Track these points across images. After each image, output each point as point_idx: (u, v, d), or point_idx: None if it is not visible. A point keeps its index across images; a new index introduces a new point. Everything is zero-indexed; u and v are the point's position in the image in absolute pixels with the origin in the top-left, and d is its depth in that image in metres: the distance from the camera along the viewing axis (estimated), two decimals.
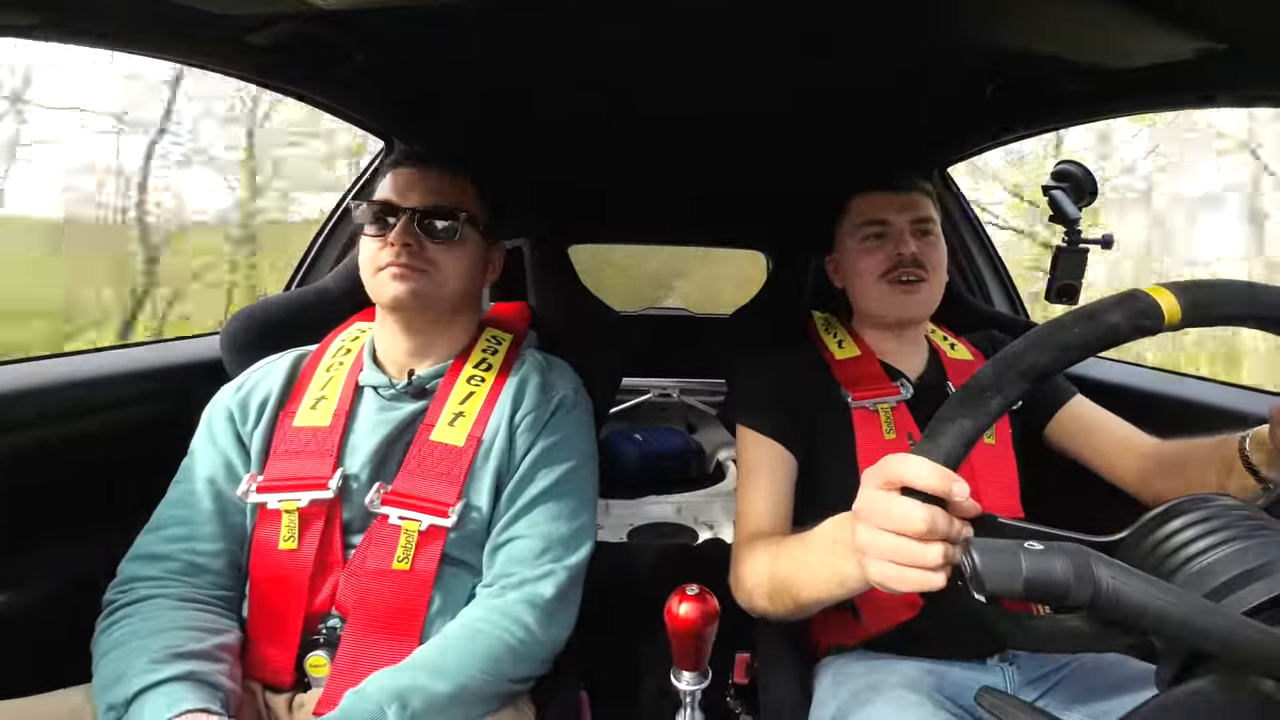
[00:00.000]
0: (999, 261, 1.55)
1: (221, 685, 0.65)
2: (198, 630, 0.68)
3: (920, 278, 0.89)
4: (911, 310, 0.91)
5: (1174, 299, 0.44)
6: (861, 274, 0.93)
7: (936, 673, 0.78)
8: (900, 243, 0.89)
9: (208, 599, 0.74)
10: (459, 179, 0.86)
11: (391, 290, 0.79)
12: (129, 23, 0.76)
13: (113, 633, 0.67)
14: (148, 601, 0.70)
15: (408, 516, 0.75)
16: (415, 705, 0.63)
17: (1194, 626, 0.35)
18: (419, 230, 0.81)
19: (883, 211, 0.92)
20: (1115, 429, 0.88)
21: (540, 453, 0.80)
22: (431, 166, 0.85)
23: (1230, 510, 0.43)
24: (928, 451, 0.45)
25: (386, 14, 0.78)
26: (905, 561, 0.45)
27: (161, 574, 0.72)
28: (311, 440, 0.79)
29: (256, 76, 0.96)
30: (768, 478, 0.86)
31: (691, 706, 0.75)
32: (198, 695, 0.61)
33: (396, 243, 0.79)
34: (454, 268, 0.83)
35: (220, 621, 0.72)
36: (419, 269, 0.80)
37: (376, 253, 0.81)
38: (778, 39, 0.85)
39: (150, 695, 0.60)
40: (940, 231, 0.94)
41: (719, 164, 1.51)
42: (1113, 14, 0.69)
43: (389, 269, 0.80)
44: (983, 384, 0.44)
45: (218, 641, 0.69)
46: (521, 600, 0.73)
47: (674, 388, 2.45)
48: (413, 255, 0.79)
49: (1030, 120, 1.11)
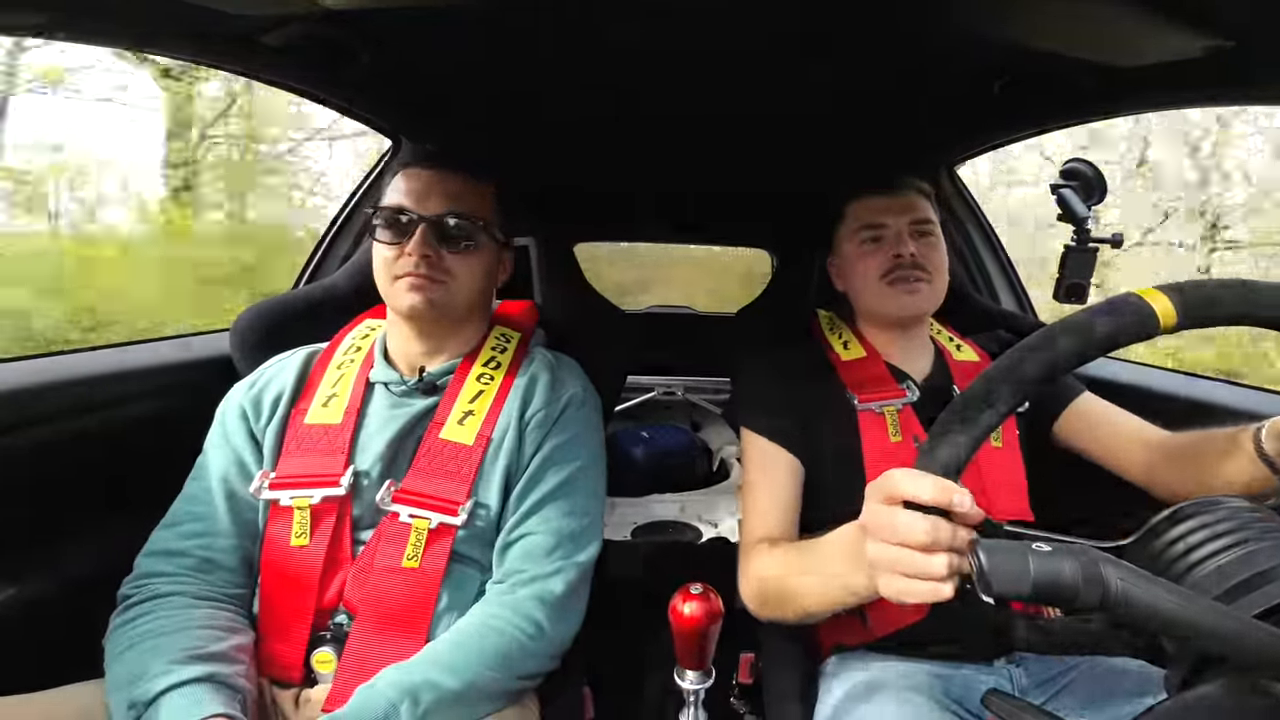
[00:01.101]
0: (1006, 260, 1.54)
1: (240, 687, 0.65)
2: (216, 629, 0.69)
3: (920, 278, 0.89)
4: (912, 308, 0.90)
5: (1168, 302, 0.43)
6: (861, 276, 0.93)
7: (942, 675, 0.78)
8: (898, 243, 0.89)
9: (222, 597, 0.74)
10: (478, 184, 0.84)
11: (409, 300, 0.79)
12: (140, 22, 0.76)
13: (129, 629, 0.67)
14: (165, 599, 0.70)
15: (418, 515, 0.75)
16: (426, 701, 0.63)
17: (1204, 629, 0.34)
18: (437, 240, 0.79)
19: (879, 215, 0.92)
20: (1123, 422, 0.87)
21: (550, 451, 0.80)
22: (450, 170, 0.83)
23: (1241, 512, 0.42)
24: (925, 466, 0.45)
25: (395, 14, 0.78)
26: (913, 573, 0.45)
27: (178, 570, 0.73)
28: (323, 437, 0.79)
29: (266, 75, 0.97)
30: (773, 482, 0.86)
31: (695, 705, 0.75)
32: (219, 698, 0.61)
33: (415, 253, 0.78)
34: (470, 277, 0.82)
35: (236, 621, 0.73)
36: (437, 280, 0.79)
37: (393, 261, 0.80)
38: (784, 38, 0.85)
39: (172, 696, 0.60)
40: (940, 232, 0.93)
41: (725, 163, 1.51)
42: (1122, 11, 0.69)
43: (406, 279, 0.78)
44: (976, 396, 0.45)
45: (235, 642, 0.69)
46: (532, 597, 0.73)
47: (679, 386, 2.45)
48: (431, 266, 0.78)
49: (1038, 118, 1.11)
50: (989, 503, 0.83)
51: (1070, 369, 0.45)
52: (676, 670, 0.75)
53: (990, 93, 0.97)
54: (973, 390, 0.45)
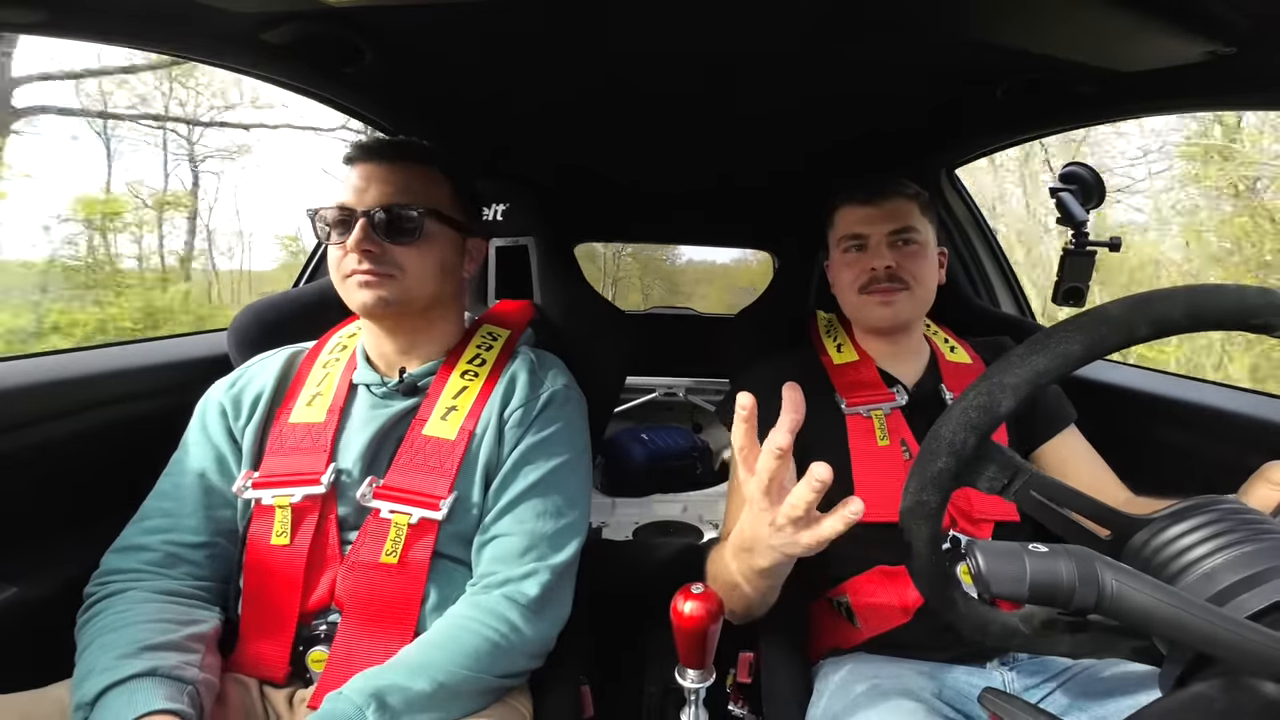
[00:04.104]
0: (1005, 263, 1.54)
1: (188, 677, 0.63)
2: (168, 622, 0.67)
3: (896, 289, 0.89)
4: (888, 319, 0.91)
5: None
6: (842, 286, 0.95)
7: (935, 676, 0.78)
8: (876, 255, 0.90)
9: (186, 590, 0.73)
10: (423, 170, 0.81)
11: (359, 298, 0.77)
12: (138, 19, 0.76)
13: (88, 627, 0.66)
14: (121, 595, 0.69)
15: (398, 510, 0.75)
16: (394, 704, 0.62)
17: (1198, 630, 0.35)
18: (379, 233, 0.76)
19: (860, 225, 0.92)
20: (1090, 472, 0.87)
21: (527, 448, 0.79)
22: (389, 160, 0.79)
23: (1236, 514, 0.43)
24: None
25: (396, 12, 0.78)
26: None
27: (138, 565, 0.72)
28: (306, 436, 0.79)
29: (268, 74, 0.97)
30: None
31: (696, 704, 0.75)
32: (160, 693, 0.60)
33: (355, 249, 0.75)
34: (422, 268, 0.79)
35: (194, 612, 0.71)
36: (384, 274, 0.76)
37: (341, 259, 0.77)
38: (786, 41, 0.85)
39: (110, 695, 0.59)
40: (925, 239, 0.93)
41: (725, 163, 1.51)
42: (1123, 17, 0.69)
43: (354, 277, 0.76)
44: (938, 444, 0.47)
45: (189, 632, 0.67)
46: (504, 598, 0.72)
47: (680, 387, 2.45)
48: (375, 260, 0.75)
49: (1039, 122, 1.11)
50: (975, 506, 0.84)
51: (1035, 393, 0.45)
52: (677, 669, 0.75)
53: (992, 97, 0.97)
54: (939, 433, 0.46)
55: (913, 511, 0.49)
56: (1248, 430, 0.89)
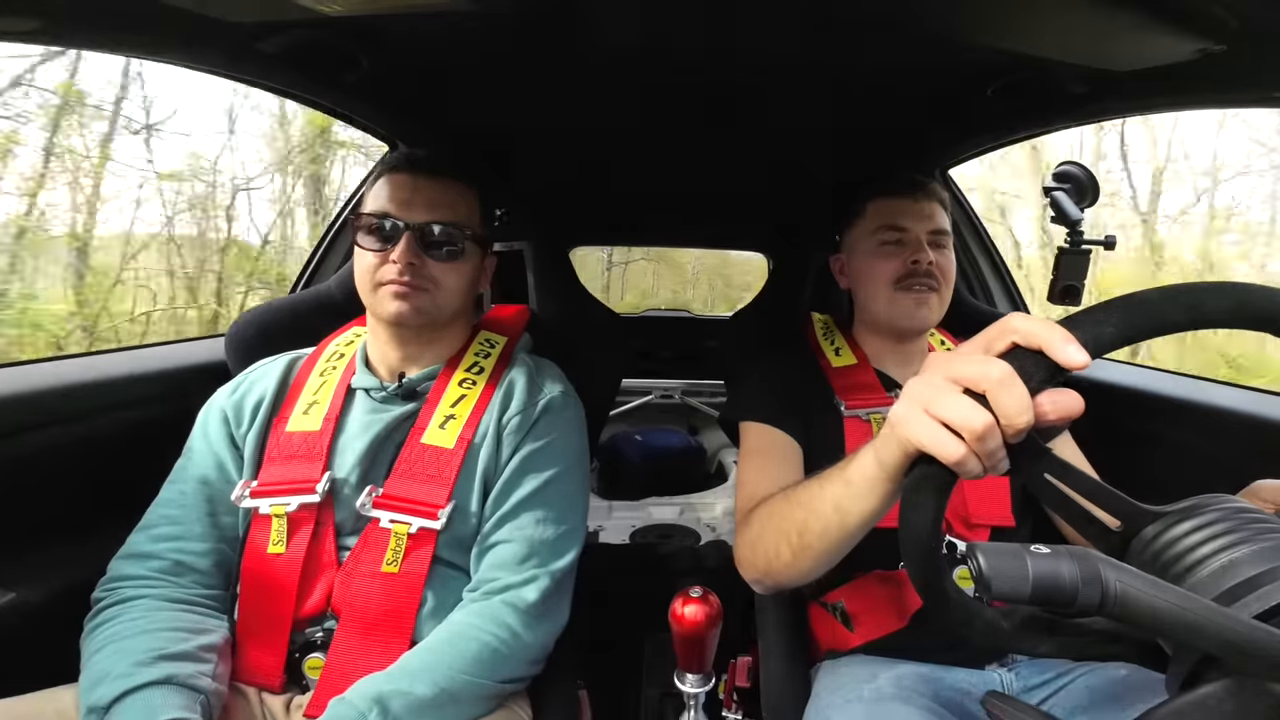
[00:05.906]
0: (1001, 263, 1.55)
1: (201, 687, 0.64)
2: (181, 631, 0.68)
3: (932, 288, 0.89)
4: (919, 320, 0.90)
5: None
6: (874, 279, 0.92)
7: (934, 678, 0.78)
8: (918, 250, 0.89)
9: (194, 599, 0.73)
10: (463, 188, 0.84)
11: (393, 308, 0.78)
12: (135, 28, 0.76)
13: (98, 633, 0.67)
14: (133, 602, 0.70)
15: (398, 520, 0.75)
16: (397, 709, 0.63)
17: (1203, 631, 0.34)
18: (422, 247, 0.78)
19: (902, 218, 0.91)
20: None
21: (526, 456, 0.80)
22: (435, 175, 0.82)
23: (1241, 513, 0.42)
24: (1072, 327, 0.41)
25: (391, 19, 0.78)
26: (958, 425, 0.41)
27: (148, 573, 0.72)
28: (303, 444, 0.79)
29: (264, 82, 0.97)
30: (770, 458, 0.84)
31: (695, 708, 0.75)
32: (176, 701, 0.61)
33: (400, 261, 0.77)
34: (455, 284, 0.82)
35: (206, 622, 0.72)
36: (421, 287, 0.78)
37: (376, 267, 0.79)
38: (779, 41, 0.85)
39: (127, 701, 0.60)
40: (951, 245, 0.93)
41: (719, 165, 1.51)
42: (1114, 16, 0.69)
43: (390, 286, 0.78)
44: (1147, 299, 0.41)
45: (202, 642, 0.68)
46: (505, 604, 0.73)
47: (676, 389, 2.45)
48: (415, 273, 0.78)
49: (1031, 121, 1.11)
50: (971, 507, 0.83)
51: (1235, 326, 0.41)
52: (676, 673, 0.75)
53: (983, 96, 0.97)
54: (1144, 294, 0.41)
55: (919, 486, 0.46)
56: (1248, 429, 0.90)
